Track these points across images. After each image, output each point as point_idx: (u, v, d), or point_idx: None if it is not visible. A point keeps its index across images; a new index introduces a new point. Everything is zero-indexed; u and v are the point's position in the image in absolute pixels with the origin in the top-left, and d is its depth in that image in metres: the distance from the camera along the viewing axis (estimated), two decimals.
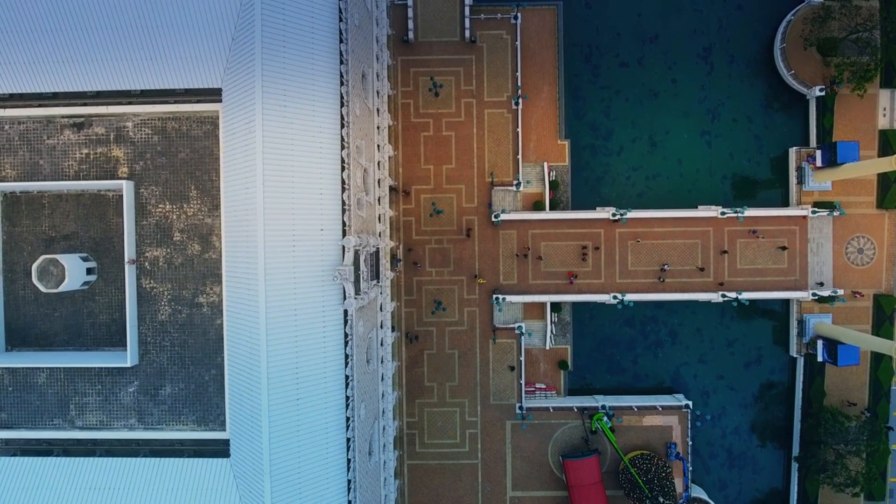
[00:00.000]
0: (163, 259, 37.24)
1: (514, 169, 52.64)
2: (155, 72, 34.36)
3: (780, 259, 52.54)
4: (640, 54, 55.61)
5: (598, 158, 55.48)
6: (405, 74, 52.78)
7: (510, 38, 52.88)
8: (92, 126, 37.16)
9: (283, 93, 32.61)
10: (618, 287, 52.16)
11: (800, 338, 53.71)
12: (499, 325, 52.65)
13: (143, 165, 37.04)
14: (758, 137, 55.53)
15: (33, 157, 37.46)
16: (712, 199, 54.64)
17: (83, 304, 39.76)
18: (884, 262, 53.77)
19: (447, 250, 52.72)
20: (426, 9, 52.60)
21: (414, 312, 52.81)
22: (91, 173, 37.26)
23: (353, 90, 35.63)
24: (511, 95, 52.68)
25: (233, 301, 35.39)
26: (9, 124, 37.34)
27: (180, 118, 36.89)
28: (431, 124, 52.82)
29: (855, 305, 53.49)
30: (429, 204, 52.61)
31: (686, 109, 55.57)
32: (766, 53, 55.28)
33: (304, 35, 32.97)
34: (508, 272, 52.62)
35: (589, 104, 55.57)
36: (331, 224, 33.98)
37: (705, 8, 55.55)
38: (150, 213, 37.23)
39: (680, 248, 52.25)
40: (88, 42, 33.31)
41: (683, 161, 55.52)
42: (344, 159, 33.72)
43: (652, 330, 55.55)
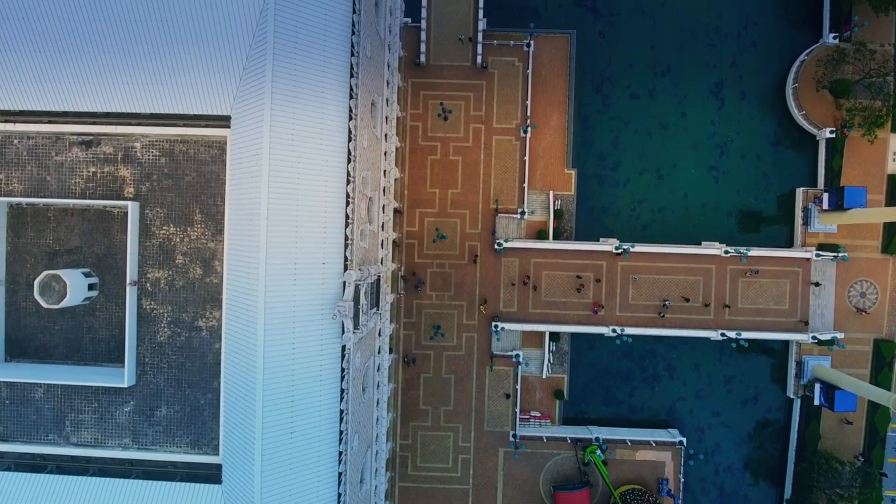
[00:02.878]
0: (164, 281, 37.33)
1: (519, 197, 52.60)
2: (165, 97, 34.40)
3: (782, 300, 52.41)
4: (652, 86, 55.48)
5: (604, 189, 55.41)
6: (415, 97, 52.76)
7: (522, 66, 52.80)
8: (100, 145, 37.24)
9: (291, 126, 32.63)
10: (618, 320, 52.11)
11: (797, 379, 53.59)
12: (496, 353, 52.66)
13: (149, 186, 37.12)
14: (765, 175, 55.37)
15: (41, 173, 37.57)
16: (717, 234, 54.56)
17: (83, 319, 39.89)
18: (886, 307, 53.60)
19: (449, 274, 52.73)
20: (439, 32, 52.56)
21: (413, 335, 52.84)
22: (97, 192, 37.34)
23: (362, 122, 35.64)
24: (520, 123, 52.64)
25: (232, 327, 35.46)
26: (18, 139, 37.46)
27: (188, 141, 36.94)
28: (439, 148, 52.81)
29: (854, 349, 53.33)
30: (432, 227, 52.59)
31: (695, 144, 55.43)
32: (777, 91, 55.08)
33: (315, 68, 32.94)
34: (509, 300, 52.60)
35: (598, 134, 55.48)
36: (333, 257, 33.98)
37: (719, 43, 55.37)
38: (154, 235, 37.31)
39: (682, 284, 52.15)
40: (100, 65, 33.36)
41: (690, 195, 55.40)
42: (349, 194, 33.73)
43: (650, 363, 55.47)
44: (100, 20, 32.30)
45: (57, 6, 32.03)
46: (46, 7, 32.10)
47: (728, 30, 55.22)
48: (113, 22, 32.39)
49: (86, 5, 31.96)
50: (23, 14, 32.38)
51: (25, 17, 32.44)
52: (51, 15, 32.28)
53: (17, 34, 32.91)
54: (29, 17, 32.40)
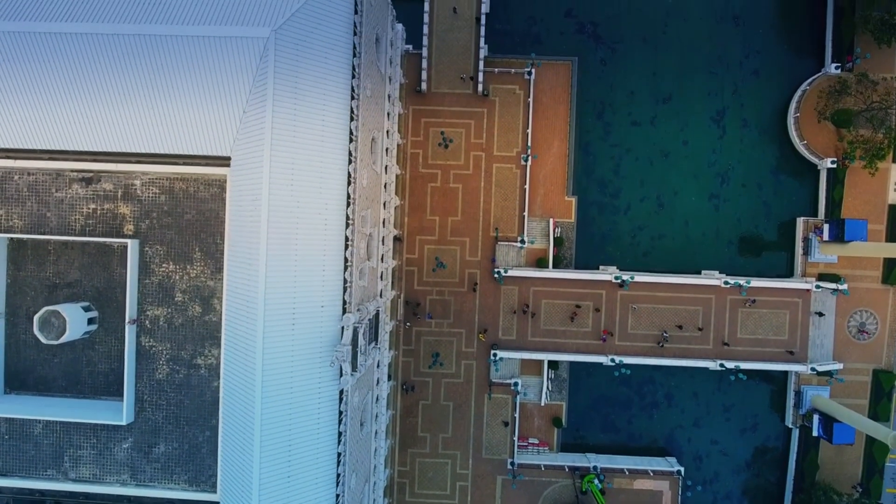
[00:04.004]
0: (163, 318, 37.41)
1: (519, 225, 52.59)
2: (165, 138, 34.45)
3: (781, 330, 52.38)
4: (653, 114, 55.40)
5: (604, 216, 55.37)
6: (416, 124, 52.76)
7: (523, 94, 52.77)
8: (100, 182, 37.31)
9: (291, 171, 32.65)
10: (617, 349, 52.11)
11: (796, 409, 53.56)
12: (495, 380, 52.68)
13: (148, 224, 37.18)
14: (766, 204, 55.29)
15: (41, 209, 37.66)
16: (717, 263, 54.48)
17: (83, 353, 39.99)
18: (885, 338, 53.54)
19: (448, 302, 52.77)
20: (440, 60, 52.52)
21: (412, 362, 52.90)
22: (97, 229, 37.42)
23: (361, 163, 35.67)
24: (521, 151, 52.61)
25: (230, 366, 35.52)
26: (18, 175, 37.54)
27: (188, 179, 36.99)
28: (439, 175, 52.82)
29: (853, 380, 53.29)
30: (432, 255, 52.63)
31: (696, 172, 55.37)
32: (779, 120, 54.97)
33: (315, 111, 32.95)
34: (508, 327, 52.62)
35: (598, 161, 55.44)
36: (331, 301, 34.03)
37: (721, 71, 55.25)
38: (154, 272, 37.38)
39: (681, 313, 52.12)
40: (101, 107, 33.39)
41: (690, 223, 55.35)
42: (348, 237, 33.77)
43: (649, 391, 55.48)
44: (100, 63, 32.31)
45: (60, 50, 32.04)
46: (50, 51, 32.11)
47: (730, 58, 55.10)
48: (114, 65, 32.39)
49: (87, 50, 31.96)
50: (25, 57, 32.40)
51: (28, 60, 32.47)
52: (54, 58, 32.31)
53: (20, 76, 32.94)
54: (31, 59, 32.43)
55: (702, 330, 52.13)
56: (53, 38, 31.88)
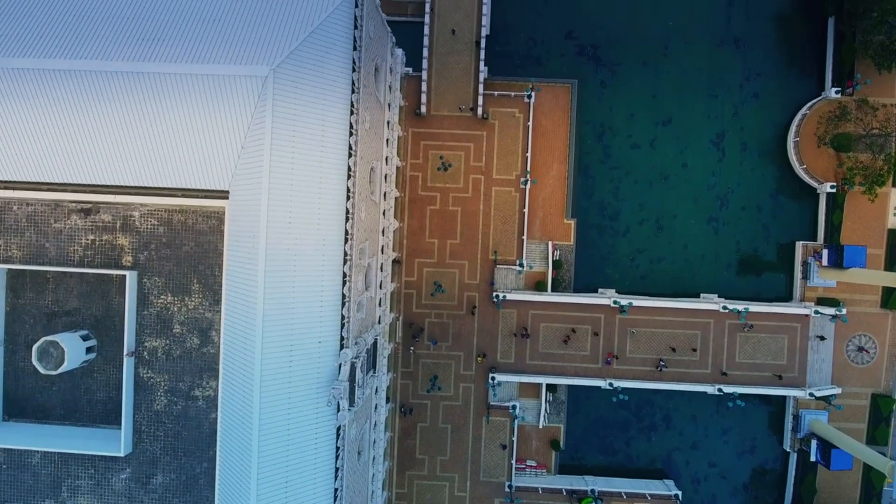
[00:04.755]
0: (161, 350, 37.45)
1: (518, 248, 52.61)
2: (164, 173, 34.49)
3: (780, 355, 52.39)
4: (653, 136, 55.39)
5: (603, 238, 55.39)
6: (415, 146, 52.77)
7: (522, 117, 52.76)
8: (99, 213, 37.34)
9: (289, 207, 32.69)
10: (615, 373, 52.14)
11: (794, 433, 53.58)
12: (493, 403, 52.73)
13: (147, 256, 37.21)
14: (765, 227, 55.30)
15: (40, 240, 37.69)
16: (716, 286, 54.52)
17: (81, 381, 40.03)
18: (884, 362, 53.55)
19: (447, 325, 52.81)
20: (440, 83, 52.49)
21: (410, 385, 52.94)
22: (96, 260, 37.45)
23: (360, 196, 35.72)
24: (520, 175, 52.60)
25: (228, 399, 35.53)
26: (17, 205, 37.56)
27: (186, 211, 36.99)
28: (438, 198, 52.84)
29: (852, 404, 53.30)
30: (431, 277, 52.67)
31: (695, 195, 55.37)
32: (779, 142, 54.95)
33: (314, 148, 33.02)
34: (506, 350, 52.67)
35: (598, 184, 55.47)
36: (329, 336, 34.11)
37: (721, 94, 55.24)
38: (152, 304, 37.41)
39: (680, 337, 52.14)
40: (99, 143, 33.45)
41: (689, 246, 55.37)
42: (346, 273, 33.81)
43: (647, 413, 55.52)
44: (100, 99, 32.33)
45: (59, 86, 32.07)
46: (49, 87, 32.15)
47: (730, 81, 55.08)
48: (113, 100, 32.42)
49: (87, 86, 31.98)
50: (25, 92, 32.44)
51: (27, 96, 32.50)
52: (54, 94, 32.33)
53: (20, 111, 32.98)
54: (31, 95, 32.46)
55: (695, 350, 52.12)
56: (53, 75, 31.90)
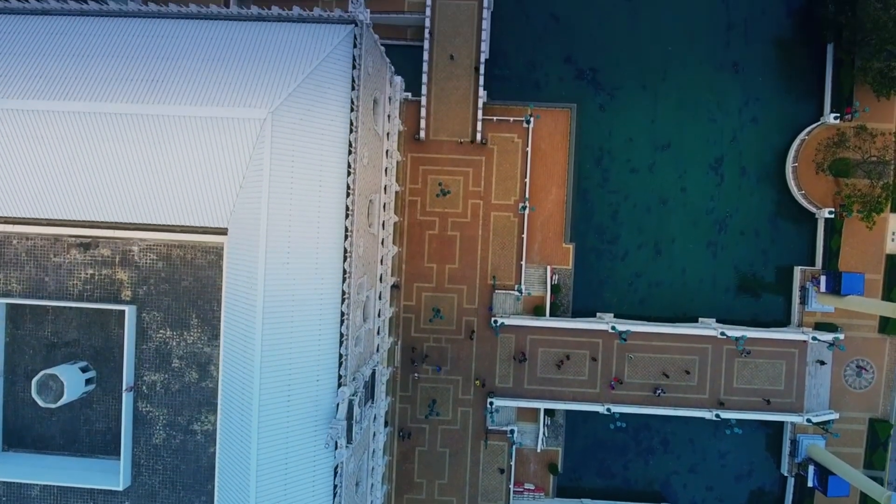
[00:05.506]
0: (160, 384, 37.64)
1: (517, 273, 52.73)
2: (163, 212, 34.67)
3: (778, 380, 52.49)
4: (652, 160, 55.49)
5: (602, 262, 55.51)
6: (414, 171, 52.88)
7: (521, 143, 52.86)
8: (98, 247, 37.52)
9: (288, 247, 32.86)
10: (613, 398, 52.27)
11: (792, 458, 53.72)
12: (491, 427, 52.86)
13: (146, 290, 37.39)
14: (764, 251, 55.38)
15: (39, 274, 37.90)
16: (714, 310, 54.66)
17: (80, 411, 40.23)
18: (882, 387, 53.64)
19: (445, 349, 52.95)
20: (439, 107, 52.60)
21: (409, 409, 53.10)
22: (95, 294, 37.66)
23: (359, 233, 35.86)
24: (518, 200, 52.71)
25: (226, 433, 35.75)
26: (17, 239, 37.76)
27: (185, 246, 37.15)
28: (437, 223, 52.96)
29: (849, 428, 53.41)
30: (430, 302, 52.81)
31: (694, 219, 55.46)
32: (778, 167, 55.02)
33: (311, 189, 33.18)
34: (504, 375, 52.81)
35: (597, 208, 55.57)
36: (327, 373, 34.26)
37: (720, 118, 55.31)
38: (151, 338, 37.60)
39: (678, 363, 52.26)
40: (99, 181, 33.64)
41: (688, 270, 55.47)
42: (344, 312, 33.97)
43: (645, 437, 55.64)
44: (99, 140, 32.49)
45: (59, 127, 32.24)
46: (49, 128, 32.32)
47: (729, 105, 55.15)
48: (111, 141, 32.58)
49: (87, 127, 32.15)
50: (24, 133, 32.61)
51: (27, 137, 32.67)
52: (53, 135, 32.50)
53: (19, 151, 33.15)
54: (30, 136, 32.63)
55: (689, 373, 52.20)
56: (52, 116, 32.06)
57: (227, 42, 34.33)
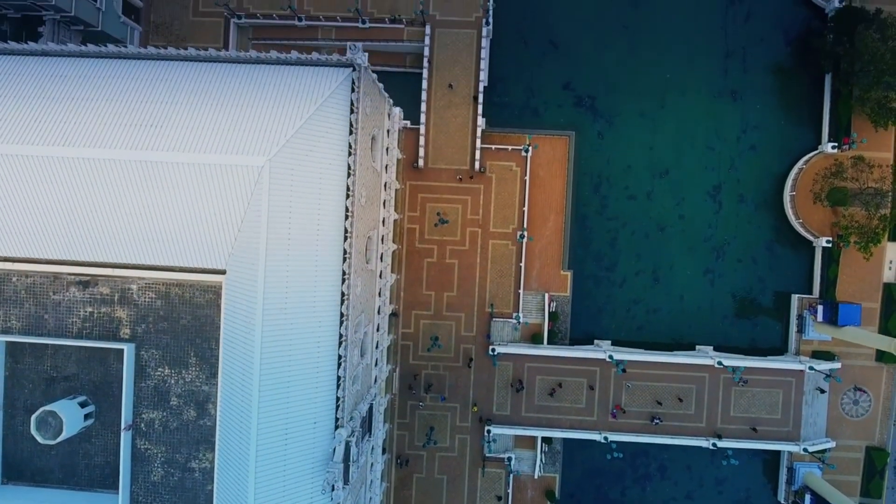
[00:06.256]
0: (158, 422, 37.81)
1: (514, 302, 52.87)
2: (161, 254, 34.85)
3: (774, 409, 52.61)
4: (650, 188, 55.60)
5: (600, 289, 55.63)
6: (413, 199, 53.04)
7: (519, 171, 53.01)
8: (97, 285, 37.69)
9: (285, 289, 33.06)
10: (610, 426, 52.41)
11: (789, 486, 53.84)
12: (489, 455, 52.98)
13: (144, 328, 37.56)
14: (761, 279, 55.49)
15: (38, 311, 38.08)
16: (712, 337, 54.79)
17: (79, 445, 40.41)
18: (878, 415, 53.75)
19: (443, 377, 53.09)
20: (438, 136, 52.75)
21: (406, 436, 53.27)
22: (94, 332, 37.83)
23: (356, 273, 36.03)
24: (517, 228, 52.85)
25: (223, 471, 35.96)
26: (17, 277, 37.94)
27: (184, 285, 37.31)
28: (436, 251, 53.11)
29: (846, 457, 53.52)
30: (428, 329, 52.99)
31: (691, 246, 55.57)
32: (775, 195, 55.12)
33: (309, 234, 33.37)
34: (502, 403, 52.97)
35: (595, 235, 55.69)
36: (324, 416, 34.46)
37: (719, 146, 55.43)
38: (150, 376, 37.77)
39: (675, 391, 52.41)
40: (99, 224, 33.84)
41: (685, 297, 55.59)
42: (341, 355, 34.15)
43: (642, 463, 55.77)
44: (98, 185, 32.69)
45: (59, 172, 32.45)
46: (49, 173, 32.52)
47: (727, 133, 55.26)
48: (108, 184, 32.77)
49: (86, 173, 32.35)
50: (23, 178, 32.81)
51: (26, 181, 32.88)
52: (53, 180, 32.70)
53: (18, 196, 33.36)
54: (29, 180, 32.84)
55: (681, 401, 52.35)
56: (52, 161, 32.25)
57: (226, 85, 34.51)
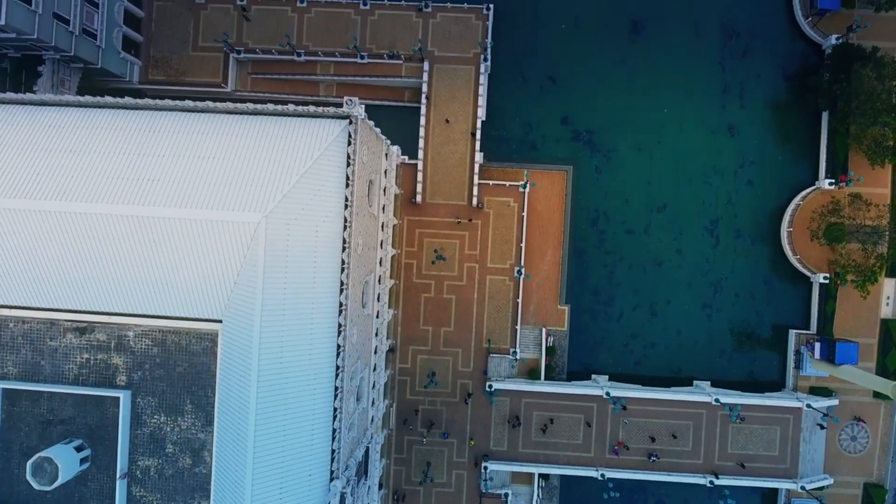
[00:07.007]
0: (154, 469, 37.78)
1: (512, 337, 52.87)
2: (158, 304, 34.90)
3: (772, 446, 52.52)
4: (647, 222, 55.67)
5: (597, 324, 55.65)
6: (410, 234, 53.10)
7: (517, 206, 53.07)
8: (94, 332, 37.72)
9: (280, 343, 33.16)
10: (607, 462, 52.33)
11: None
12: (486, 491, 52.87)
13: (140, 375, 37.57)
14: (759, 314, 55.51)
15: (35, 357, 38.13)
16: (710, 372, 54.77)
17: (75, 489, 40.30)
18: (877, 452, 53.67)
19: (440, 412, 53.05)
20: (435, 172, 52.86)
21: (403, 471, 53.18)
22: (90, 378, 37.87)
23: (352, 321, 36.07)
24: (514, 264, 52.88)
25: None
26: (13, 323, 37.99)
27: (180, 332, 37.31)
28: (433, 286, 53.13)
29: (844, 493, 53.43)
30: (425, 364, 52.96)
31: (689, 281, 55.61)
32: (773, 229, 55.18)
33: (305, 287, 33.43)
34: (499, 438, 52.89)
35: (592, 269, 55.73)
36: (319, 468, 34.44)
37: (716, 180, 55.53)
38: (146, 423, 37.75)
39: (672, 428, 52.33)
40: (95, 280, 33.91)
41: (683, 332, 55.59)
42: (337, 408, 34.16)
43: (639, 499, 55.66)
44: (92, 237, 32.80)
45: (57, 226, 32.56)
46: (46, 226, 32.63)
47: (724, 168, 55.38)
48: (105, 238, 32.88)
49: (85, 226, 32.46)
50: (22, 231, 32.92)
51: (24, 235, 32.99)
52: (51, 233, 32.80)
53: (17, 248, 33.46)
54: (27, 234, 32.94)
55: (676, 437, 52.21)
56: (48, 215, 32.35)
57: (223, 137, 34.63)
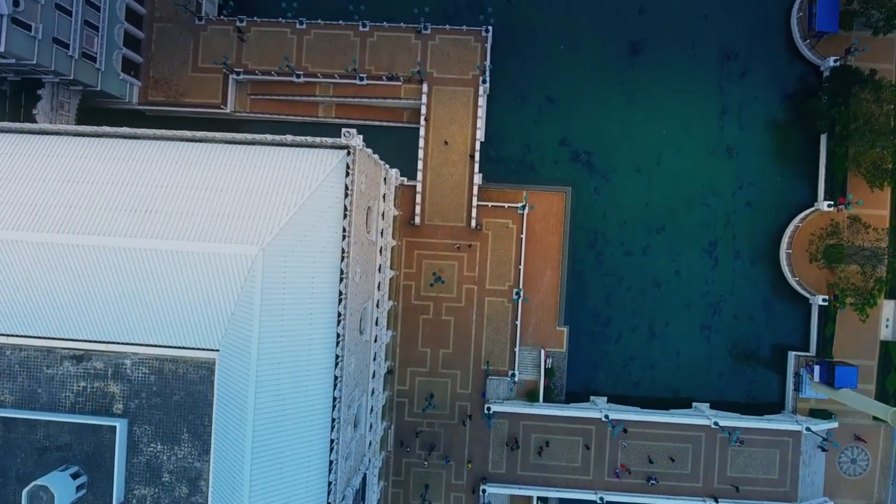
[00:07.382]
0: (150, 498, 37.61)
1: (510, 359, 52.76)
2: (155, 334, 34.85)
3: (771, 469, 52.32)
4: (646, 243, 55.65)
5: (595, 345, 55.54)
6: (409, 256, 53.11)
7: (516, 228, 53.09)
8: (91, 360, 37.64)
9: (277, 374, 33.13)
10: (605, 485, 52.13)
11: None
12: None
13: (137, 403, 37.46)
14: (758, 335, 55.40)
15: (31, 385, 38.05)
16: (709, 394, 54.64)
17: None
18: (877, 474, 53.44)
19: (438, 434, 52.88)
20: (434, 194, 52.89)
21: (401, 494, 52.96)
22: (87, 406, 37.79)
23: (349, 352, 36.01)
24: (513, 285, 52.84)
25: None
26: (10, 350, 37.94)
27: (177, 360, 37.19)
28: (432, 307, 53.09)
29: None
30: (423, 386, 52.84)
31: (687, 302, 55.53)
32: (772, 251, 55.14)
33: (303, 318, 33.40)
34: (497, 461, 52.72)
35: (590, 290, 55.66)
36: (316, 500, 34.29)
37: (714, 202, 55.54)
38: (142, 452, 37.63)
39: (670, 450, 52.14)
40: (92, 310, 33.90)
41: (682, 353, 55.47)
42: (333, 440, 34.05)
43: None
44: (95, 271, 32.81)
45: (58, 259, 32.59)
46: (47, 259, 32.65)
47: (723, 189, 55.40)
48: (107, 272, 32.89)
49: (85, 259, 32.48)
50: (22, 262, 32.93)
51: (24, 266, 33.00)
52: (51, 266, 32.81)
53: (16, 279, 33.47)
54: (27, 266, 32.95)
55: (674, 460, 52.00)
56: (45, 247, 32.37)
57: (221, 168, 34.65)
